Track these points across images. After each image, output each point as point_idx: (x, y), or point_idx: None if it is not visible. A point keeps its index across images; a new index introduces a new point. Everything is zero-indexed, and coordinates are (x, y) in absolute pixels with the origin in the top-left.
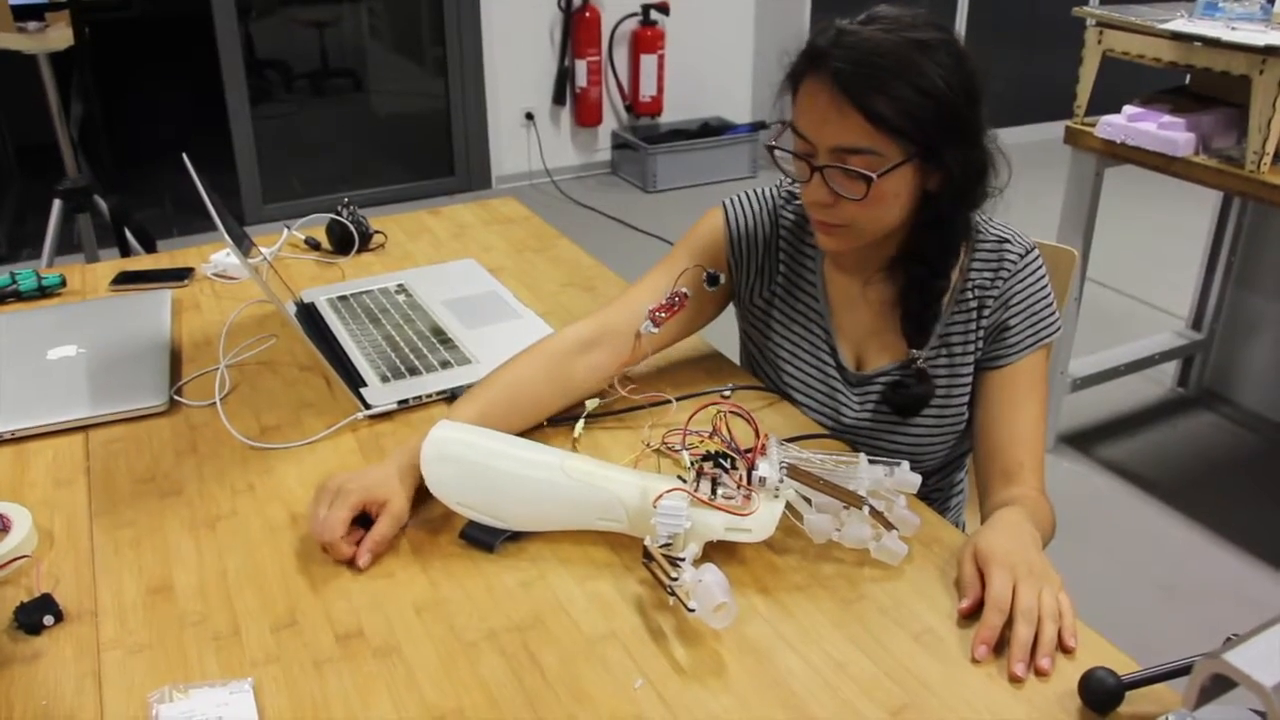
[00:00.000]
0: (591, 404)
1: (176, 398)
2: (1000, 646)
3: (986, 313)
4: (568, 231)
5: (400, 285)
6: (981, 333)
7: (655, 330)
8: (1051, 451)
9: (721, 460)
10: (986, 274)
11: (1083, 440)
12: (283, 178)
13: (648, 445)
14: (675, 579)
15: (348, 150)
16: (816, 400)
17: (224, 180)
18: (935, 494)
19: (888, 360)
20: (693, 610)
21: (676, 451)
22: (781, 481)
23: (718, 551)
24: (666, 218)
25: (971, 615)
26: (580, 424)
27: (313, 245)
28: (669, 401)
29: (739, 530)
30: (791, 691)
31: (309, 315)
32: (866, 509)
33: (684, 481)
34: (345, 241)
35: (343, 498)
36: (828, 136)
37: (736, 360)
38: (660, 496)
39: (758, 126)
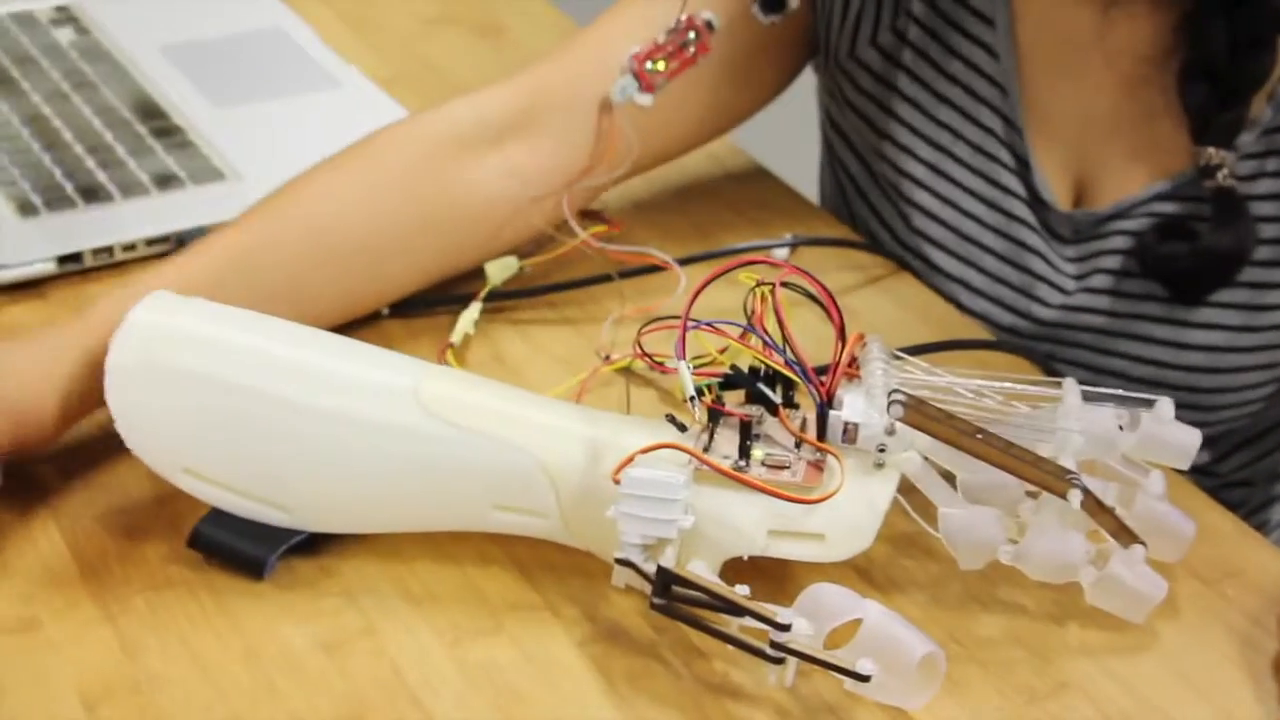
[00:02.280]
0: (497, 269)
1: None
2: None
3: None
4: None
5: (62, 8)
6: None
7: (647, 99)
8: None
9: (765, 386)
10: None
11: None
12: None
13: (606, 357)
14: (787, 625)
15: None
16: (983, 267)
17: None
18: (1237, 489)
19: (1146, 179)
20: (868, 679)
21: (669, 368)
22: (892, 434)
23: (746, 576)
24: None
25: None
26: (473, 310)
27: None
28: (666, 266)
29: (797, 536)
30: None
31: None
32: (1077, 498)
33: (683, 430)
34: None
35: None
36: None
37: (812, 190)
38: (629, 460)
39: None
